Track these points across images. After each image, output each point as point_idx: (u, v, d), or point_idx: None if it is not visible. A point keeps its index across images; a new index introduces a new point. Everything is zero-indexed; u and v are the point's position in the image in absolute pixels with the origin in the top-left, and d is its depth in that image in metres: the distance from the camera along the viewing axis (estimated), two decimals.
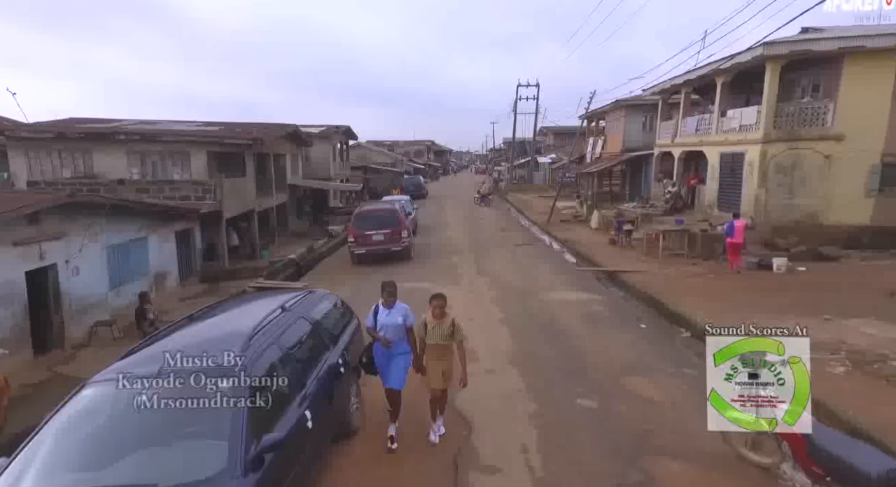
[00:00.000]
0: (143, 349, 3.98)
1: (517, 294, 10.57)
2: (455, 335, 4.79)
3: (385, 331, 4.82)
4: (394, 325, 4.81)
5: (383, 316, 4.87)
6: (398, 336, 4.84)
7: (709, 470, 4.36)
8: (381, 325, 4.85)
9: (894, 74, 12.60)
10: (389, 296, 4.90)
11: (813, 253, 12.64)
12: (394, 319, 4.82)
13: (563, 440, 4.83)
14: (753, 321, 4.76)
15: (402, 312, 4.88)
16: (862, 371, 6.52)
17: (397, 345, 4.87)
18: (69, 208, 9.57)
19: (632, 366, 6.70)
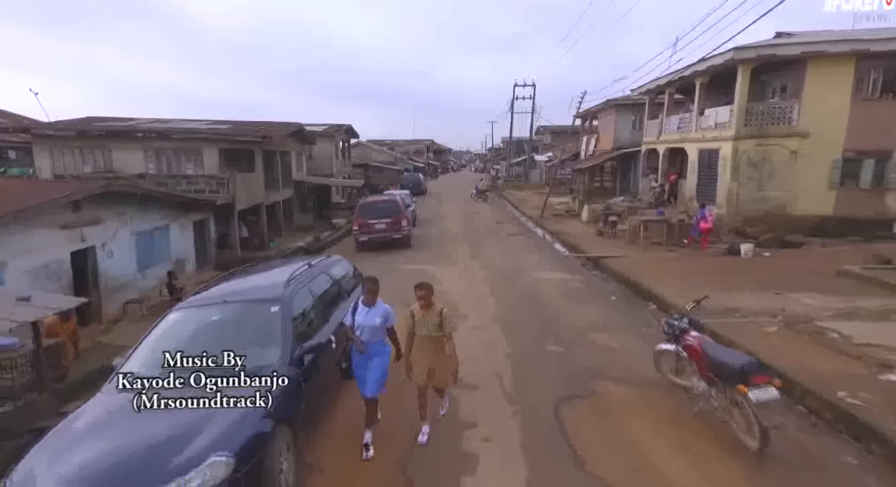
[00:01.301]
0: (205, 291, 5.28)
1: (506, 274, 11.88)
2: (444, 326, 4.54)
3: (362, 332, 4.49)
4: (371, 327, 4.48)
5: (361, 315, 4.52)
6: (376, 337, 4.54)
7: (643, 390, 5.66)
8: (358, 325, 4.51)
9: (852, 77, 13.90)
10: (369, 294, 4.55)
11: (779, 241, 13.91)
12: (371, 320, 4.48)
13: (530, 370, 6.15)
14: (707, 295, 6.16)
15: (381, 313, 4.53)
16: (790, 330, 7.79)
17: (374, 347, 4.56)
18: (105, 197, 10.88)
19: (598, 326, 8.00)
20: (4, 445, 5.08)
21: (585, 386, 5.75)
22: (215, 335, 4.44)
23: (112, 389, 4.00)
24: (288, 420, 3.90)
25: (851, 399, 5.36)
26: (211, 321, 4.59)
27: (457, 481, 4.09)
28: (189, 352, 3.80)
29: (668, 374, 5.72)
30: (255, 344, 4.37)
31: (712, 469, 4.26)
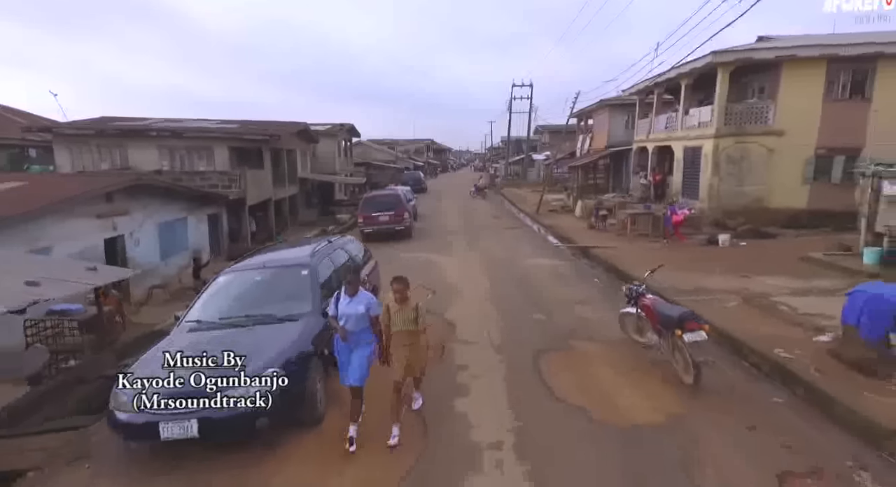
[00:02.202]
0: (244, 260, 6.43)
1: (500, 261, 13.04)
2: (419, 320, 4.72)
3: (346, 321, 4.62)
4: (355, 315, 4.61)
5: (343, 305, 4.66)
6: (359, 326, 4.65)
7: (609, 346, 6.83)
8: (342, 314, 4.64)
9: (824, 79, 15.06)
10: (350, 285, 4.73)
11: (756, 232, 15.06)
12: (355, 308, 4.62)
13: (516, 331, 7.33)
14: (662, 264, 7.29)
15: (364, 301, 4.67)
16: (748, 304, 8.94)
17: (358, 335, 4.65)
18: (133, 189, 12.05)
19: (579, 301, 9.16)
20: (81, 388, 6.23)
21: (561, 342, 6.92)
22: (258, 292, 5.60)
23: (181, 330, 5.16)
24: (320, 354, 5.04)
25: (785, 354, 6.50)
26: (254, 281, 5.75)
27: (452, 401, 5.25)
28: (239, 304, 4.96)
29: (630, 333, 6.87)
30: (289, 298, 5.52)
31: (655, 396, 5.41)
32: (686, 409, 5.15)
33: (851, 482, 4.08)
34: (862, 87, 15.14)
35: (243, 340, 4.73)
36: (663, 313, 5.81)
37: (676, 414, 5.04)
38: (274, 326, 5.03)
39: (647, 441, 4.56)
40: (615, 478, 4.05)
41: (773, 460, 4.30)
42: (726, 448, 4.49)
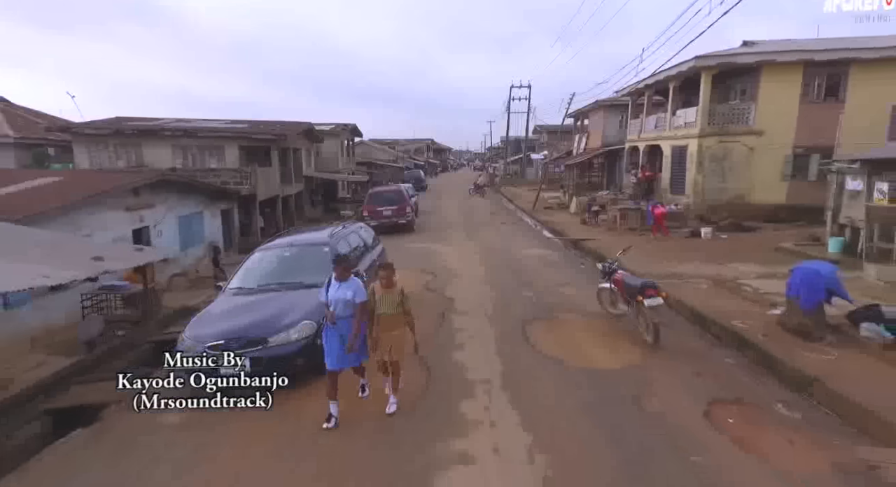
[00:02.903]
0: (272, 240, 7.56)
1: (496, 251, 14.20)
2: (404, 303, 4.97)
3: (335, 306, 4.88)
4: (343, 300, 4.86)
5: (333, 290, 4.94)
6: (347, 311, 4.89)
7: (587, 317, 7.97)
8: (331, 299, 4.91)
9: (801, 83, 16.19)
10: (343, 271, 5.00)
11: (737, 226, 16.17)
12: (343, 294, 4.87)
13: (507, 305, 8.51)
14: (631, 246, 8.39)
15: (353, 287, 4.91)
16: (717, 286, 10.06)
17: (344, 323, 4.89)
18: (156, 185, 13.17)
19: (565, 283, 10.29)
20: (133, 351, 7.35)
21: (545, 314, 8.07)
22: (287, 265, 6.74)
23: (227, 294, 6.29)
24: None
25: (740, 324, 7.61)
26: (283, 256, 6.87)
27: (451, 354, 6.41)
28: (272, 274, 6.09)
29: (606, 306, 8.00)
30: (314, 270, 6.65)
31: (620, 351, 6.55)
32: (644, 360, 6.28)
33: (770, 410, 5.20)
34: (836, 90, 16.26)
35: (278, 301, 5.84)
36: (629, 284, 6.94)
37: (635, 364, 6.17)
38: (302, 291, 6.15)
39: (608, 380, 5.70)
40: (579, 404, 5.18)
41: (709, 393, 5.43)
42: (672, 387, 5.61)
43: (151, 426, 5.07)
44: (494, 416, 4.90)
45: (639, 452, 4.31)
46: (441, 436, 4.57)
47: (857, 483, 3.94)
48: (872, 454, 4.46)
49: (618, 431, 4.65)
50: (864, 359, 6.27)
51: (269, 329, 5.31)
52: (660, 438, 4.52)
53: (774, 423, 4.91)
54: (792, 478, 3.97)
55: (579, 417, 4.91)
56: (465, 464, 4.16)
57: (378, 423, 4.90)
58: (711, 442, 4.47)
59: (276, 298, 5.94)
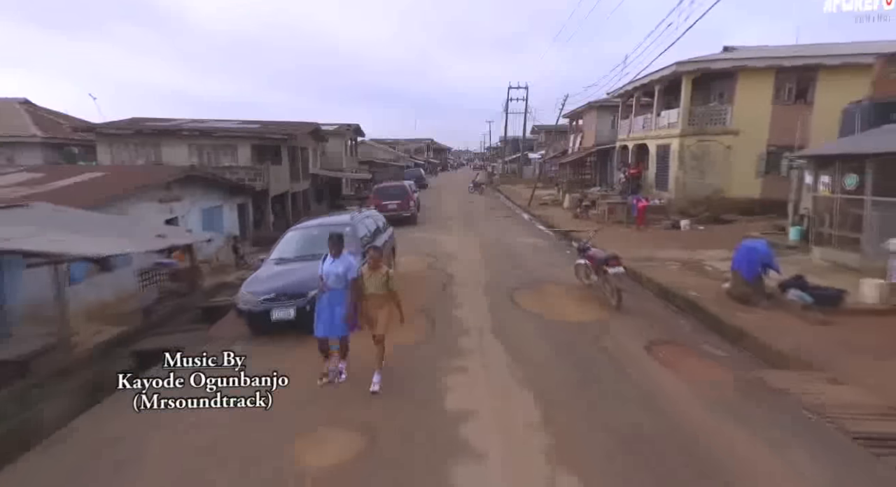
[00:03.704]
0: (303, 222, 9.13)
1: (491, 239, 15.82)
2: (389, 284, 5.49)
3: (328, 278, 5.57)
4: (335, 273, 5.54)
5: (328, 265, 5.63)
6: (339, 285, 5.54)
7: (566, 287, 9.58)
8: (325, 272, 5.60)
9: (773, 86, 17.79)
10: (334, 247, 5.65)
11: (715, 219, 17.76)
12: (335, 268, 5.55)
13: (499, 279, 10.15)
14: (599, 229, 9.97)
15: (344, 263, 5.56)
16: (684, 267, 11.63)
17: (339, 293, 5.52)
18: (184, 180, 14.73)
19: (550, 264, 11.90)
20: (185, 315, 8.92)
21: (531, 285, 9.71)
22: (317, 240, 8.31)
23: (269, 264, 7.89)
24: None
25: (695, 294, 9.18)
26: (312, 235, 8.44)
27: (451, 311, 8.05)
28: (305, 248, 7.69)
29: (581, 278, 9.58)
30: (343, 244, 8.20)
31: (589, 310, 8.17)
32: (607, 316, 7.89)
33: (699, 349, 6.77)
34: (805, 93, 17.87)
35: (311, 268, 7.37)
36: (597, 257, 8.54)
37: (600, 319, 7.77)
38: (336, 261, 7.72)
39: (575, 328, 7.31)
40: (550, 341, 6.79)
41: (652, 337, 7.01)
42: (624, 333, 7.21)
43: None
44: (484, 347, 6.54)
45: (590, 367, 5.93)
46: (445, 357, 6.23)
47: (744, 387, 5.51)
48: (768, 374, 6.04)
49: (577, 356, 6.27)
50: (787, 318, 7.85)
51: (306, 287, 6.86)
52: (606, 360, 6.14)
53: (699, 356, 6.51)
54: (696, 382, 5.56)
55: (549, 348, 6.52)
56: (462, 372, 5.79)
57: (401, 349, 6.42)
58: (643, 363, 6.07)
59: (309, 266, 7.48)
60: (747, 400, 5.26)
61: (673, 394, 5.35)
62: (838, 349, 6.48)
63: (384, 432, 4.58)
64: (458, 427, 4.58)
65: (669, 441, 4.38)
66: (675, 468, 4.02)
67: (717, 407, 5.04)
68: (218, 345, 7.09)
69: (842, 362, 6.06)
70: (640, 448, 4.29)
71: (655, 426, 4.65)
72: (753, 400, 5.23)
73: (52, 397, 5.69)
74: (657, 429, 4.59)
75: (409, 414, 4.94)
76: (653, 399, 5.22)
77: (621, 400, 5.19)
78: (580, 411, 4.94)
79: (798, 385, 5.65)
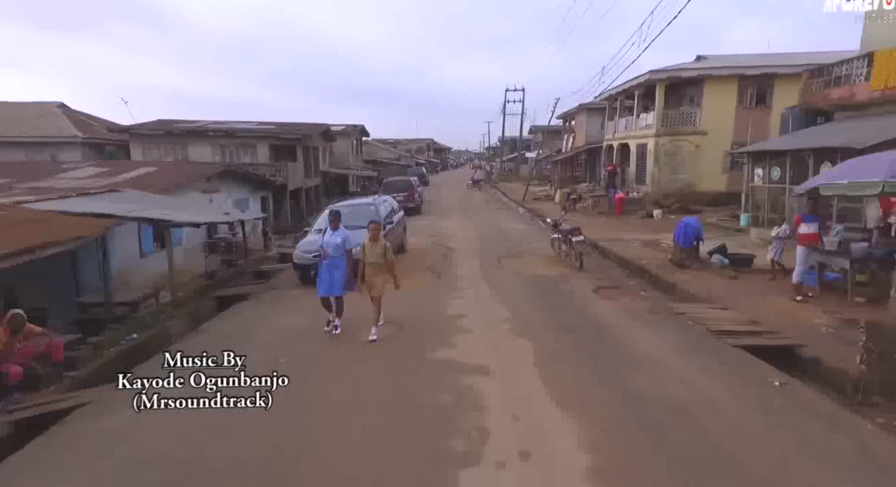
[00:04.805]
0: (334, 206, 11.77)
1: (486, 225, 18.55)
2: (386, 254, 6.49)
3: (328, 247, 6.76)
4: (334, 243, 6.73)
5: (327, 236, 6.84)
6: (337, 253, 6.71)
7: (542, 256, 12.26)
8: (325, 243, 6.80)
9: (736, 92, 20.42)
10: (333, 222, 6.92)
11: (685, 209, 20.32)
12: (334, 239, 6.75)
13: (490, 250, 12.91)
14: (566, 211, 12.67)
15: (342, 234, 6.78)
16: (644, 245, 14.25)
17: (338, 260, 6.68)
18: (221, 174, 17.33)
19: (533, 242, 14.57)
20: (242, 277, 11.54)
21: (515, 254, 12.44)
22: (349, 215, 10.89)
23: (311, 234, 10.52)
24: None
25: (646, 262, 11.78)
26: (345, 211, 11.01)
27: (451, 270, 10.72)
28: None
29: (555, 250, 12.24)
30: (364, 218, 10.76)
31: (557, 270, 10.85)
32: (570, 273, 10.54)
33: (634, 293, 9.39)
34: (765, 98, 20.50)
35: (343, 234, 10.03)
36: (565, 229, 11.18)
37: (563, 274, 10.42)
38: (360, 231, 10.34)
39: (544, 279, 10.00)
40: (525, 287, 9.47)
41: (601, 284, 9.62)
42: (580, 283, 9.86)
43: (284, 295, 9.33)
44: (476, 287, 9.31)
45: (548, 297, 8.66)
46: (448, 291, 9.04)
47: (655, 309, 8.12)
48: (677, 305, 8.65)
49: (540, 292, 8.99)
50: (709, 275, 10.46)
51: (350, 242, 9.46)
52: (564, 297, 8.83)
53: (632, 296, 9.13)
54: (621, 307, 8.20)
55: (521, 288, 9.25)
56: (459, 298, 8.54)
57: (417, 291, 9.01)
58: (588, 297, 8.75)
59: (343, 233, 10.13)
60: (653, 315, 7.89)
61: (602, 311, 8.00)
62: (735, 292, 9.10)
63: (410, 324, 7.25)
64: (457, 320, 7.32)
65: (590, 328, 7.06)
66: (591, 339, 6.66)
67: (629, 317, 7.69)
68: (278, 292, 9.78)
69: (733, 300, 8.65)
70: (571, 330, 6.96)
71: (585, 322, 7.32)
72: (657, 316, 7.86)
73: (171, 320, 8.27)
74: (585, 323, 7.27)
75: (426, 316, 7.66)
76: (587, 312, 7.89)
77: (565, 310, 7.89)
78: (536, 315, 7.66)
79: (693, 309, 8.27)
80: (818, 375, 5.77)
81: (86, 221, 7.78)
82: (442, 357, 5.99)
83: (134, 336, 7.26)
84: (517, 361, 5.74)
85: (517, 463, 3.75)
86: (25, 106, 25.86)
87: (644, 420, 4.41)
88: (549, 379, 5.14)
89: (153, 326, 7.87)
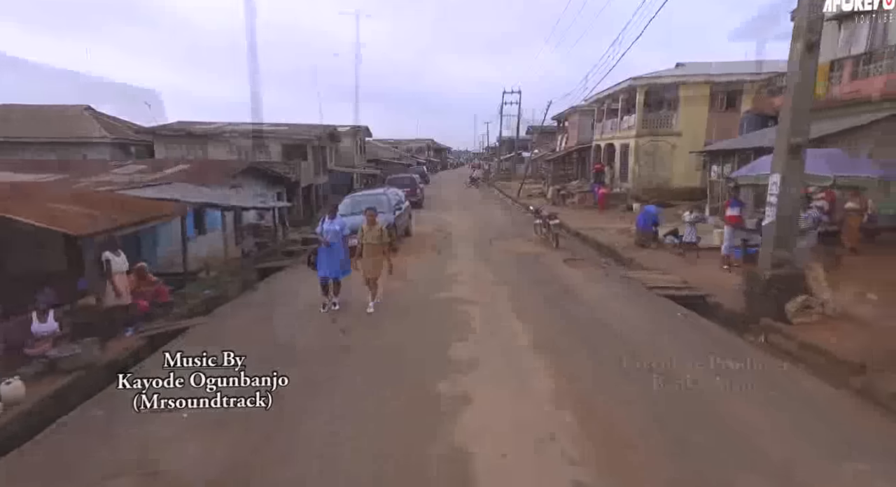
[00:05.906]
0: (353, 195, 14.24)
1: (482, 217, 21.06)
2: (383, 237, 7.44)
3: (327, 235, 7.74)
4: (333, 231, 7.73)
5: (326, 225, 7.82)
6: (336, 240, 7.68)
7: (526, 238, 14.76)
8: (325, 230, 7.76)
9: (708, 97, 22.87)
10: (331, 212, 8.14)
11: (662, 204, 22.74)
12: (332, 227, 7.75)
13: (484, 235, 15.41)
14: (545, 203, 15.15)
15: (340, 223, 7.83)
16: (618, 232, 16.67)
17: (337, 247, 7.67)
18: (245, 171, 19.73)
19: (521, 229, 17.01)
20: (274, 256, 13.95)
21: (504, 238, 14.95)
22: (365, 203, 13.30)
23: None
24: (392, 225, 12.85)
25: (615, 245, 14.21)
26: (361, 199, 13.46)
27: (450, 249, 13.24)
28: (357, 207, 12.83)
29: (537, 233, 14.67)
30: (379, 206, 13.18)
31: (537, 249, 13.28)
32: (548, 251, 12.99)
33: (597, 263, 11.84)
34: (734, 102, 22.94)
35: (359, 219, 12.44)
36: (544, 215, 13.61)
37: (542, 252, 12.86)
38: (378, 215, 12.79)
39: (526, 256, 12.46)
40: (510, 261, 11.96)
41: (571, 258, 12.05)
42: (555, 257, 12.30)
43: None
44: (472, 261, 11.80)
45: (527, 266, 11.15)
46: (448, 263, 11.52)
47: (610, 274, 10.55)
48: (630, 272, 11.09)
49: (521, 263, 11.46)
50: (662, 253, 12.91)
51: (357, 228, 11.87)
52: (539, 266, 11.31)
53: (595, 266, 11.56)
54: (584, 272, 10.65)
55: (509, 263, 11.72)
56: (455, 264, 11.06)
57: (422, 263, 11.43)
58: (559, 265, 11.24)
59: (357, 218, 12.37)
60: (607, 278, 10.37)
61: (567, 273, 10.50)
62: (679, 264, 11.57)
63: (418, 281, 9.74)
64: (454, 277, 9.87)
65: (554, 282, 9.60)
66: (552, 289, 9.14)
67: (587, 277, 10.18)
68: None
69: (676, 269, 11.09)
70: (540, 284, 9.46)
71: (551, 279, 9.86)
72: (609, 278, 10.34)
73: (230, 283, 10.68)
74: (551, 280, 9.83)
75: (429, 276, 10.19)
76: (554, 273, 10.41)
77: (538, 273, 10.44)
78: (514, 275, 10.24)
79: (641, 274, 10.71)
80: (718, 316, 8.18)
81: (165, 204, 10.17)
82: (444, 296, 8.52)
83: (207, 291, 9.69)
84: (496, 297, 8.29)
85: (488, 339, 6.26)
86: (52, 109, 28.26)
87: (573, 325, 6.91)
88: (516, 306, 7.66)
89: (217, 287, 10.29)
